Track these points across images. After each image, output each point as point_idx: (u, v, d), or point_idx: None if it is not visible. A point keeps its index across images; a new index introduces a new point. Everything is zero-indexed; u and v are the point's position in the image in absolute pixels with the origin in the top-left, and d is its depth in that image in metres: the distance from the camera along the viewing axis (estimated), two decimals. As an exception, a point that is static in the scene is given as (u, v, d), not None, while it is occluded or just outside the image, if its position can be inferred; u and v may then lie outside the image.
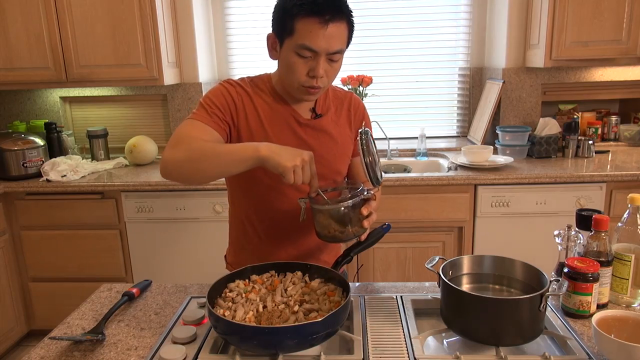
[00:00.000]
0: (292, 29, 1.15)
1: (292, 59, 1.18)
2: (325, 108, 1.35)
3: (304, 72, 1.19)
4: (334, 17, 1.13)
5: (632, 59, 2.51)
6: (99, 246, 2.56)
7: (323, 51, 1.16)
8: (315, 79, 1.19)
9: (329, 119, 1.34)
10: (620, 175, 2.32)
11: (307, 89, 1.21)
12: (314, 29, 1.13)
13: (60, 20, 2.59)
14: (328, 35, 1.14)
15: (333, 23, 1.13)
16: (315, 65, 1.17)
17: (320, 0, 1.12)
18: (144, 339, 1.11)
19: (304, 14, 1.13)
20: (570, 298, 1.13)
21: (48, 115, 3.11)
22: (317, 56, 1.16)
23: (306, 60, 1.17)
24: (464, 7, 3.03)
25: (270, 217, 1.35)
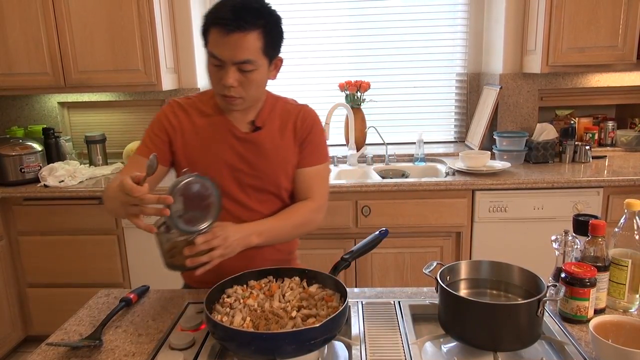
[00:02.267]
0: (206, 39, 1.21)
1: (208, 68, 1.23)
2: (266, 121, 1.34)
3: (217, 80, 1.22)
4: (238, 27, 1.14)
5: (628, 64, 2.53)
6: (96, 252, 2.55)
7: (228, 60, 1.17)
8: (228, 88, 1.20)
9: (270, 133, 1.33)
10: (617, 181, 2.33)
11: (224, 98, 1.23)
12: (218, 38, 1.16)
13: (58, 26, 2.60)
14: (232, 45, 1.16)
15: (237, 33, 1.15)
16: (224, 74, 1.19)
17: (223, 12, 1.15)
18: (141, 345, 1.10)
19: (212, 25, 1.17)
20: (567, 303, 1.13)
21: (46, 120, 3.11)
22: (225, 65, 1.18)
23: (218, 68, 1.20)
24: (461, 14, 3.05)
25: None
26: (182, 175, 1.12)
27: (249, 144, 1.32)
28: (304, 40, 3.11)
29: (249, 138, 1.32)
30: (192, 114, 1.34)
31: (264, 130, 1.33)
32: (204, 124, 1.33)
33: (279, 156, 1.34)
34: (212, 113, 1.33)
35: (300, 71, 3.15)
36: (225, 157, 1.32)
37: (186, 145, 1.33)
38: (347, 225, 2.45)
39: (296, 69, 3.15)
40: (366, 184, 2.40)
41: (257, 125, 1.33)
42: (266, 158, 1.33)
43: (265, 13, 1.20)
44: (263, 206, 1.35)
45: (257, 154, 1.32)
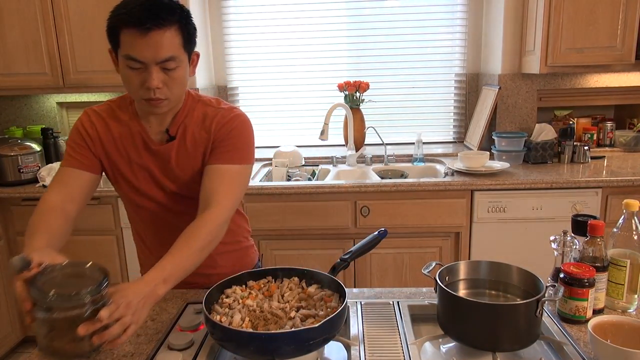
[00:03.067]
0: (118, 41, 1.12)
1: (125, 72, 1.15)
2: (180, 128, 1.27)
3: (138, 83, 1.14)
4: (154, 25, 1.08)
5: (627, 65, 2.53)
6: (95, 252, 2.55)
7: (150, 61, 1.11)
8: (151, 91, 1.14)
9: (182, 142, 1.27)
10: (615, 181, 2.34)
11: (149, 102, 1.17)
12: (135, 39, 1.09)
13: (57, 26, 2.60)
14: (152, 44, 1.09)
15: (155, 31, 1.09)
16: (148, 76, 1.12)
17: (136, 11, 1.08)
18: (140, 346, 1.10)
19: (124, 26, 1.10)
20: (566, 303, 1.13)
21: (45, 120, 3.11)
22: (147, 66, 1.12)
23: (138, 71, 1.13)
24: (460, 14, 3.05)
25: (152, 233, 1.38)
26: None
27: (162, 155, 1.27)
28: (304, 41, 3.11)
29: (161, 150, 1.27)
30: (108, 122, 1.28)
31: (177, 140, 1.27)
32: (121, 133, 1.28)
33: (189, 165, 1.28)
34: (129, 120, 1.28)
35: (300, 72, 3.15)
36: (145, 166, 1.28)
37: (108, 155, 1.29)
38: (346, 226, 2.45)
39: (296, 69, 3.15)
40: (365, 184, 2.40)
41: (171, 134, 1.26)
42: (179, 167, 1.28)
43: (176, 7, 1.13)
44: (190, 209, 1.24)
45: (171, 164, 1.28)
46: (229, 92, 3.22)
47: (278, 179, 2.73)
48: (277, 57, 3.14)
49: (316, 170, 2.85)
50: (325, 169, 2.84)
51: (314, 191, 2.40)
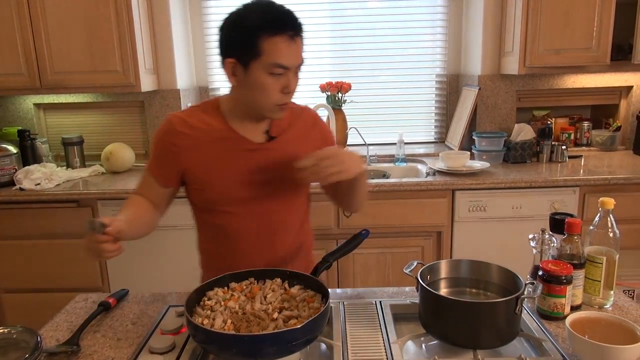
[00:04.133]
0: (260, 50, 1.14)
1: (264, 80, 1.16)
2: (280, 128, 1.32)
3: (278, 89, 1.18)
4: (297, 33, 1.17)
5: (602, 66, 2.59)
6: (74, 256, 2.51)
7: (293, 65, 1.18)
8: (288, 95, 1.21)
9: (287, 138, 1.32)
10: (592, 180, 2.38)
11: (281, 106, 1.22)
12: (284, 47, 1.14)
13: (34, 25, 2.55)
14: (297, 50, 1.17)
15: (298, 37, 1.17)
16: (288, 81, 1.18)
17: (284, 18, 1.15)
18: (120, 350, 1.09)
19: (271, 34, 1.13)
20: (544, 300, 1.15)
21: (21, 122, 3.05)
22: (287, 72, 1.18)
23: (278, 77, 1.17)
24: (441, 16, 3.08)
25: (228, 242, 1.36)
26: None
27: (264, 153, 1.29)
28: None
29: (265, 147, 1.29)
30: (196, 127, 1.27)
31: (281, 137, 1.31)
32: (213, 139, 1.27)
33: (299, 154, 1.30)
34: (220, 126, 1.28)
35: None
36: (241, 170, 1.28)
37: (196, 163, 1.28)
38: (328, 226, 2.45)
39: (277, 70, 3.14)
40: (347, 184, 2.40)
41: (273, 134, 1.31)
42: (285, 165, 1.28)
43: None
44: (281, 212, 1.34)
45: (275, 162, 1.29)
46: (210, 93, 3.20)
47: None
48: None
49: (299, 171, 2.84)
50: (308, 169, 2.83)
51: (296, 192, 2.39)
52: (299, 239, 1.41)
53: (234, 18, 1.19)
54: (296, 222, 1.40)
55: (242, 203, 1.30)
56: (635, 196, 2.40)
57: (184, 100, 2.95)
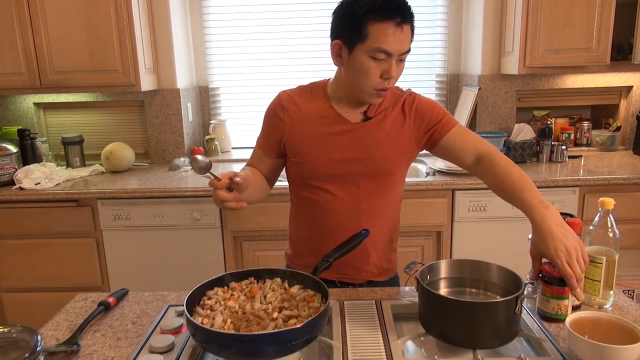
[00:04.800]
0: (366, 33, 1.19)
1: (366, 63, 1.22)
2: (379, 110, 1.36)
3: (378, 74, 1.23)
4: (404, 20, 1.19)
5: (602, 66, 2.59)
6: (74, 255, 2.51)
7: (397, 53, 1.21)
8: (388, 81, 1.24)
9: (384, 120, 1.35)
10: (592, 180, 2.38)
11: (379, 91, 1.25)
12: (389, 32, 1.18)
13: (34, 25, 2.55)
14: (402, 37, 1.20)
15: (405, 25, 1.20)
16: (389, 67, 1.22)
17: (393, 5, 1.18)
18: (120, 349, 1.09)
19: (378, 19, 1.17)
20: (548, 303, 1.14)
21: (21, 121, 3.05)
22: (390, 58, 1.21)
23: (379, 62, 1.21)
24: (441, 15, 3.08)
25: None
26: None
27: (358, 132, 1.33)
28: (284, 42, 3.10)
29: (359, 127, 1.34)
30: (301, 104, 1.37)
31: (374, 120, 1.35)
32: (314, 116, 1.35)
33: (392, 143, 1.35)
34: (322, 105, 1.36)
35: (281, 72, 3.14)
36: (335, 147, 1.34)
37: (296, 136, 1.36)
38: (328, 226, 2.45)
39: (277, 70, 3.14)
40: (347, 184, 2.40)
41: (369, 115, 1.35)
42: (377, 145, 1.34)
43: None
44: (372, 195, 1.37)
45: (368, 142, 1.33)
46: (210, 93, 3.20)
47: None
48: (258, 57, 3.13)
49: (299, 170, 2.84)
50: (308, 169, 2.83)
51: (296, 192, 2.39)
52: (386, 226, 1.44)
53: (347, 2, 1.23)
54: (386, 208, 1.41)
55: (334, 180, 1.35)
56: (635, 196, 2.40)
57: (183, 100, 2.95)
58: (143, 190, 2.40)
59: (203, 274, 1.51)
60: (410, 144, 1.38)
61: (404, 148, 1.38)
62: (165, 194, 2.40)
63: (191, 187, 2.42)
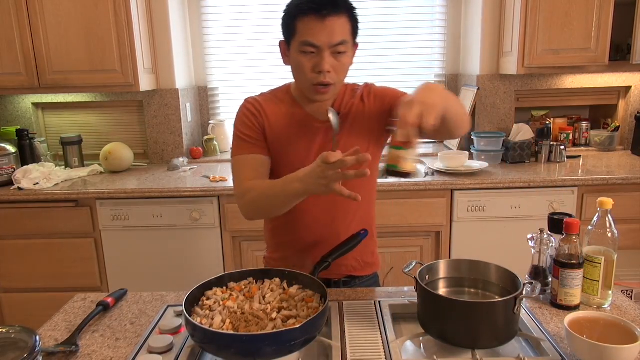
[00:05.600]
0: (295, 29, 1.22)
1: (298, 59, 1.24)
2: (342, 106, 1.37)
3: (310, 68, 1.24)
4: (331, 12, 1.19)
5: (601, 66, 2.59)
6: (73, 255, 2.51)
7: (325, 45, 1.20)
8: (322, 75, 1.23)
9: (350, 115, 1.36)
10: (591, 180, 2.39)
11: (317, 87, 1.25)
12: (313, 25, 1.19)
13: (32, 25, 2.54)
14: (327, 29, 1.19)
15: (331, 17, 1.19)
16: (319, 60, 1.22)
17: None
18: (119, 350, 1.09)
19: (304, 13, 1.20)
20: (388, 154, 1.11)
21: (20, 121, 3.04)
22: (320, 51, 1.21)
23: (311, 57, 1.22)
24: (439, 16, 3.08)
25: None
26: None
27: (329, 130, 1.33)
28: (284, 41, 3.10)
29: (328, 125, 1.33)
30: (270, 108, 1.37)
31: (342, 115, 1.35)
32: (285, 118, 1.35)
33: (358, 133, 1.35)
34: (290, 107, 1.36)
35: (281, 72, 3.13)
36: (307, 147, 1.34)
37: (274, 138, 1.35)
38: (327, 226, 2.45)
39: (277, 70, 3.14)
40: (346, 184, 2.40)
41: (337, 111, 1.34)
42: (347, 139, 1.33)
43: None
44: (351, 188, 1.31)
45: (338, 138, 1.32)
46: (209, 93, 3.20)
47: (259, 179, 2.72)
48: (258, 57, 3.13)
49: (298, 170, 2.84)
50: (307, 169, 2.83)
51: (295, 192, 2.39)
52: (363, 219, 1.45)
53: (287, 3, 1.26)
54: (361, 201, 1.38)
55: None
56: (633, 196, 2.40)
57: (182, 100, 2.95)
58: (142, 191, 2.40)
59: (202, 274, 1.51)
60: (377, 130, 1.38)
61: (370, 136, 1.37)
62: (164, 194, 2.40)
63: (190, 187, 2.42)
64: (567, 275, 1.17)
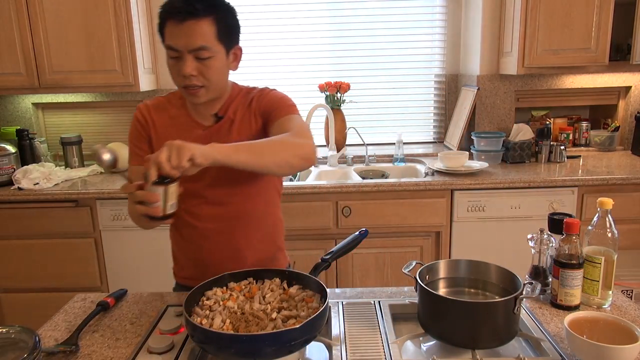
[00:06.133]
0: (163, 33, 1.23)
1: (168, 62, 1.25)
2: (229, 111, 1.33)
3: (176, 72, 1.24)
4: (189, 16, 1.17)
5: (601, 66, 2.59)
6: (73, 255, 2.51)
7: (183, 48, 1.19)
8: (186, 78, 1.22)
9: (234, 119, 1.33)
10: (591, 180, 2.39)
11: (186, 89, 1.25)
12: (172, 30, 1.19)
13: (32, 25, 2.54)
14: (186, 32, 1.18)
15: (189, 21, 1.17)
16: (182, 64, 1.21)
17: (176, 4, 1.18)
18: (119, 350, 1.09)
19: (166, 18, 1.20)
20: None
21: (20, 121, 3.04)
22: (182, 55, 1.20)
23: (176, 60, 1.22)
24: (439, 16, 3.08)
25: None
26: None
27: (213, 135, 1.31)
28: (284, 42, 3.10)
29: (211, 130, 1.32)
30: (159, 113, 1.37)
31: (225, 118, 1.33)
32: (170, 122, 1.35)
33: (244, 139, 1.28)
34: (177, 112, 1.36)
35: (281, 72, 3.14)
36: None
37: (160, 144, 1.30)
38: (327, 226, 2.45)
39: (277, 70, 3.14)
40: (346, 184, 2.41)
41: (220, 115, 1.33)
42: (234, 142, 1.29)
43: (215, 2, 1.22)
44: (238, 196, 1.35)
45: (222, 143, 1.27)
46: (209, 93, 3.20)
47: (259, 179, 2.72)
48: (258, 57, 3.13)
49: (297, 170, 2.84)
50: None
51: (295, 192, 2.40)
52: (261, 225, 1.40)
53: None
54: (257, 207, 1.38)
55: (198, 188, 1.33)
56: (633, 196, 2.40)
57: (182, 100, 2.95)
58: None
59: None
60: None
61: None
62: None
63: (190, 187, 2.41)
64: (567, 275, 1.17)
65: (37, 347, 0.92)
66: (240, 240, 1.38)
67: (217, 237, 1.38)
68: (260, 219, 1.40)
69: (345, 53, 3.14)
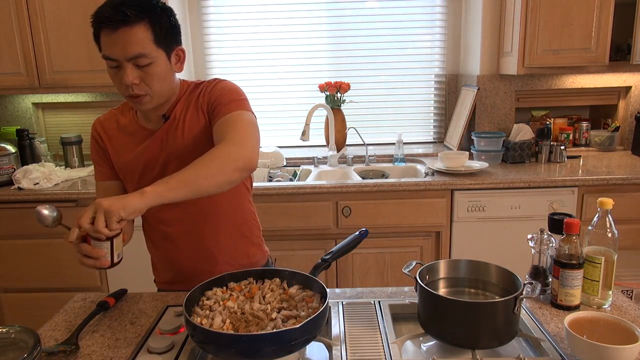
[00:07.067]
0: (99, 43, 1.19)
1: (109, 72, 1.21)
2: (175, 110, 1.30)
3: (118, 82, 1.19)
4: (121, 24, 1.12)
5: (601, 66, 2.59)
6: (73, 255, 2.49)
7: (121, 58, 1.15)
8: (129, 87, 1.18)
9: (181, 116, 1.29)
10: (591, 180, 2.39)
11: (131, 98, 1.21)
12: (108, 38, 1.15)
13: (32, 25, 2.54)
14: (121, 41, 1.14)
15: (122, 29, 1.12)
16: (122, 73, 1.17)
17: (105, 11, 1.14)
18: (119, 350, 1.09)
19: (98, 27, 1.16)
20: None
21: (20, 121, 3.04)
22: (121, 64, 1.16)
23: (117, 70, 1.18)
24: (440, 16, 3.08)
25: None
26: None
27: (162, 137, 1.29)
28: (284, 42, 3.10)
29: (160, 132, 1.29)
30: (110, 125, 1.36)
31: (171, 118, 1.29)
32: (120, 133, 1.34)
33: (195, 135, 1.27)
34: (126, 121, 1.35)
35: (281, 72, 3.14)
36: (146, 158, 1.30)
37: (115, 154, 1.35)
38: (327, 226, 2.45)
39: (277, 70, 3.14)
40: (346, 184, 2.41)
41: (167, 115, 1.29)
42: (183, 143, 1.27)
43: (147, 5, 1.16)
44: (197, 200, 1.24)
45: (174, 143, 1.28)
46: (210, 93, 3.20)
47: (259, 179, 2.72)
48: (258, 57, 3.13)
49: (297, 170, 2.85)
50: (307, 169, 2.84)
51: (295, 192, 2.40)
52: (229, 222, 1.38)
53: None
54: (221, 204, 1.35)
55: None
56: (633, 196, 2.40)
57: (182, 100, 2.95)
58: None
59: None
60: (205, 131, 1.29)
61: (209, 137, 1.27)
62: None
63: (190, 187, 2.41)
64: (567, 275, 1.17)
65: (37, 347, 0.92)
66: (208, 240, 1.36)
67: (184, 238, 1.36)
68: (228, 217, 1.37)
69: (345, 53, 3.14)
